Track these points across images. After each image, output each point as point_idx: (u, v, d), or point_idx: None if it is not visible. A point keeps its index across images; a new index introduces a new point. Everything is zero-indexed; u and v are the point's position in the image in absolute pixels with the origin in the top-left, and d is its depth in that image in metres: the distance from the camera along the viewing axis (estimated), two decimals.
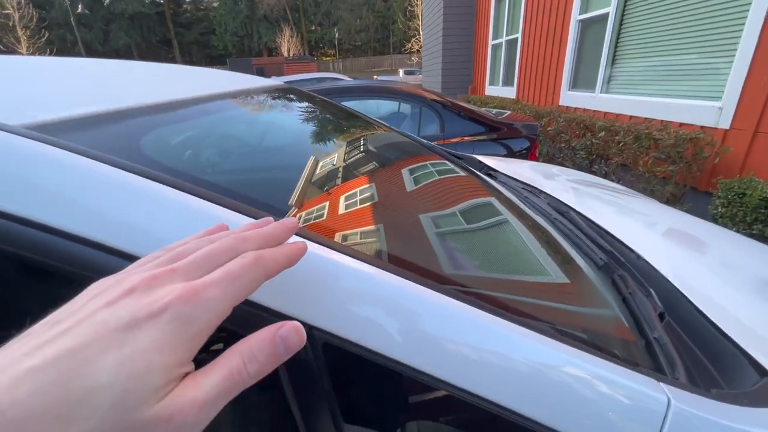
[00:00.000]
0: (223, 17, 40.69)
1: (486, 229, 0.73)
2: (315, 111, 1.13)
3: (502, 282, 0.54)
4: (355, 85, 2.92)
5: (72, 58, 0.70)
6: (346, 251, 0.34)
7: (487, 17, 7.22)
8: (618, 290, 0.64)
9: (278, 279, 0.32)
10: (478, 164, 1.48)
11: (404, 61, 31.60)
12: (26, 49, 21.90)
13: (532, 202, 1.01)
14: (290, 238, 0.27)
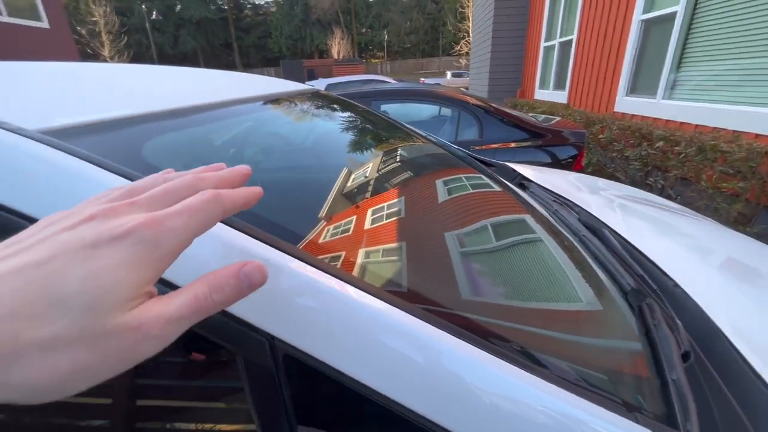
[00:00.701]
0: (279, 21, 42.71)
1: (498, 248, 0.69)
2: (339, 116, 1.15)
3: (493, 305, 0.51)
4: (394, 88, 2.93)
5: (100, 64, 0.77)
6: (321, 266, 0.34)
7: (540, 18, 6.92)
8: (643, 321, 0.58)
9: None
10: (511, 173, 1.42)
11: (452, 63, 31.20)
12: (108, 52, 24.44)
13: (561, 217, 0.95)
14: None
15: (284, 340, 0.30)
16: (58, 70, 0.59)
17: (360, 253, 0.48)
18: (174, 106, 0.55)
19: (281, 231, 0.46)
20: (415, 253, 0.55)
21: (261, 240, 0.33)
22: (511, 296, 0.59)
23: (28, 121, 0.36)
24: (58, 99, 0.45)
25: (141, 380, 0.37)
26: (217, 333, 0.31)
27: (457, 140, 2.56)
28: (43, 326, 0.17)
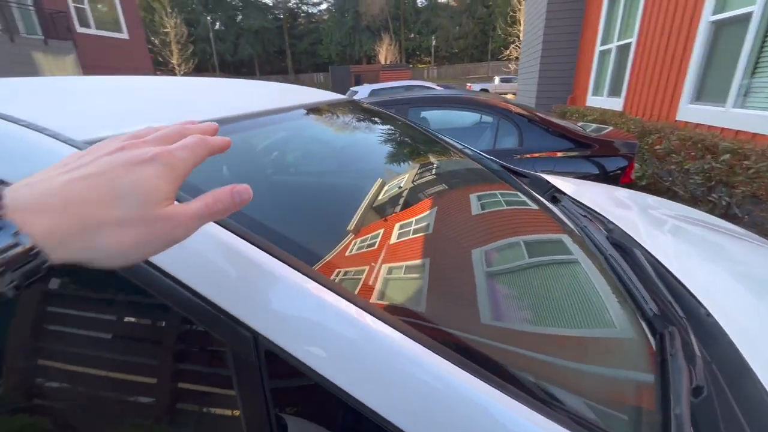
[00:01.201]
0: (331, 29, 44.18)
1: (512, 269, 0.68)
2: (371, 126, 1.18)
3: (495, 327, 0.51)
4: (433, 95, 2.93)
5: (150, 77, 0.86)
6: (311, 275, 0.37)
7: (596, 20, 6.56)
8: (662, 349, 0.55)
9: (243, 290, 0.36)
10: (544, 185, 1.38)
11: (501, 68, 30.39)
12: (176, 60, 26.72)
13: (588, 234, 0.91)
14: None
15: (267, 337, 0.33)
16: (111, 84, 0.68)
17: (367, 267, 0.50)
18: (213, 116, 0.61)
19: (291, 234, 0.50)
20: (420, 270, 0.56)
21: (258, 246, 0.37)
22: (520, 318, 0.58)
23: (77, 132, 0.43)
24: (105, 112, 0.53)
25: (144, 361, 0.42)
26: (212, 325, 0.34)
27: (495, 148, 2.51)
28: (114, 211, 0.25)
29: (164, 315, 0.39)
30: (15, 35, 11.62)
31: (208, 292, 0.35)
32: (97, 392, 0.43)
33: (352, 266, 0.50)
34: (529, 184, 1.36)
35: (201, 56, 38.77)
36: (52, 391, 0.46)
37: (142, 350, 0.42)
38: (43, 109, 0.51)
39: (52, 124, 0.44)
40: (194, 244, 0.37)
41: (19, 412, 0.47)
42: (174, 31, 26.62)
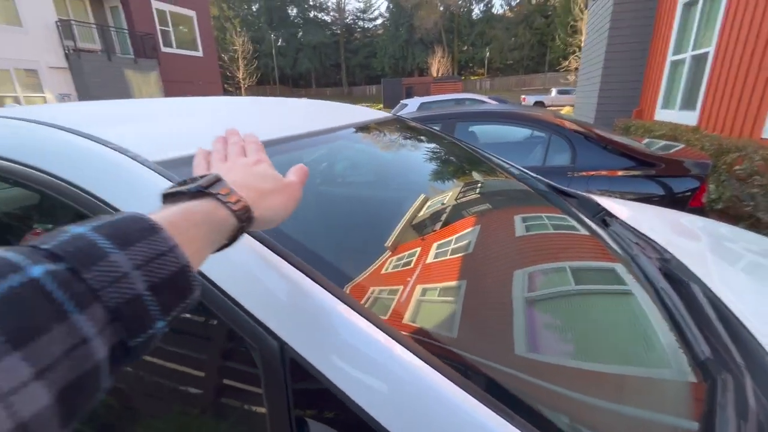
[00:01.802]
0: (385, 42, 45.33)
1: (550, 296, 0.67)
2: (415, 145, 1.20)
3: (528, 361, 0.50)
4: (482, 110, 2.90)
5: (212, 98, 0.96)
6: (337, 293, 0.40)
7: (667, 29, 6.09)
8: (710, 398, 0.51)
9: (275, 302, 0.40)
10: (593, 207, 1.31)
11: (559, 79, 29.07)
12: (242, 75, 29.00)
13: (639, 262, 0.85)
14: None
15: (293, 347, 0.36)
16: (181, 106, 0.77)
17: (402, 290, 0.52)
18: (266, 138, 0.67)
19: (328, 253, 0.54)
20: (455, 296, 0.57)
21: (294, 264, 0.41)
22: (560, 351, 0.57)
23: (152, 153, 0.50)
24: (175, 133, 0.61)
25: (187, 354, 0.47)
26: (245, 330, 0.39)
27: (545, 165, 2.41)
28: (266, 185, 0.39)
29: (208, 318, 0.44)
30: (112, 55, 13.36)
31: (246, 301, 0.39)
32: (139, 379, 0.49)
33: (387, 286, 0.53)
34: (576, 205, 1.30)
35: (263, 70, 41.66)
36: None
37: (186, 345, 0.47)
38: (126, 130, 0.60)
39: (132, 145, 0.52)
40: (240, 259, 0.42)
41: None
42: (241, 48, 28.95)
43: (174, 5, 16.41)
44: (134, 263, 0.24)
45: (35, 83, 11.71)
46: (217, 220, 0.31)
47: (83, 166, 0.49)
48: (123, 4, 14.63)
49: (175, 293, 0.26)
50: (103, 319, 0.22)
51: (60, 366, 0.19)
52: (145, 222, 0.26)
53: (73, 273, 0.21)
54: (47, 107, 0.85)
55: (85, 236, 0.23)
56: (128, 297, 0.23)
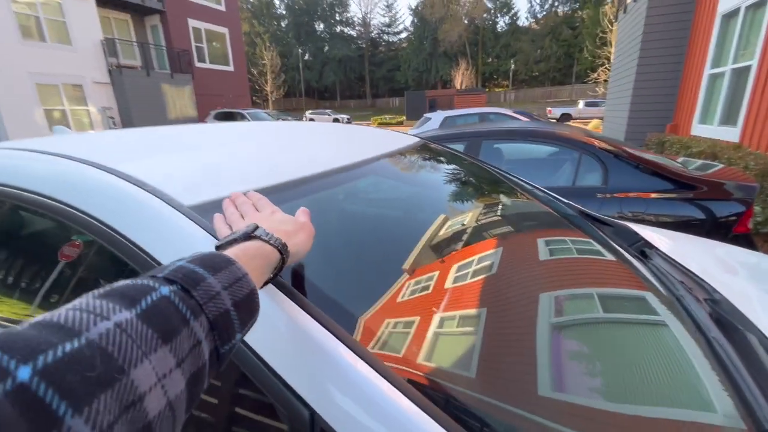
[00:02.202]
0: (409, 55, 45.88)
1: (586, 340, 0.62)
2: (442, 172, 1.18)
3: (568, 405, 0.46)
4: (509, 128, 2.84)
5: (243, 126, 0.97)
6: (372, 362, 0.38)
7: (704, 41, 5.85)
8: None
9: (307, 369, 0.38)
10: (630, 237, 1.23)
11: (587, 91, 28.42)
12: (269, 88, 29.99)
13: (685, 306, 0.79)
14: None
15: (323, 417, 0.34)
16: (208, 135, 0.78)
17: (433, 351, 0.50)
18: (299, 176, 0.66)
19: (357, 310, 0.52)
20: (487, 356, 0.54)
21: (327, 327, 0.40)
22: (597, 397, 0.53)
23: (184, 196, 0.50)
24: (208, 172, 0.61)
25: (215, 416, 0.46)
26: (274, 394, 0.37)
27: (575, 185, 2.33)
28: (290, 227, 0.46)
29: (236, 378, 0.43)
30: (150, 70, 14.14)
31: (276, 363, 0.38)
32: None
33: (427, 348, 0.50)
34: (612, 234, 1.23)
35: (290, 83, 42.97)
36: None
37: (213, 410, 0.46)
38: (161, 168, 0.61)
39: (166, 186, 0.52)
40: (271, 318, 0.40)
41: None
42: (270, 63, 30.02)
43: (209, 23, 17.28)
44: (222, 285, 0.30)
45: (80, 97, 12.51)
46: (266, 254, 0.39)
47: (119, 208, 0.50)
48: (162, 23, 15.54)
49: (249, 311, 0.32)
50: (207, 327, 0.28)
51: (188, 359, 0.25)
52: (223, 256, 0.34)
53: (185, 291, 0.28)
54: (86, 138, 0.88)
55: (185, 266, 0.30)
56: (221, 311, 0.29)
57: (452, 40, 41.07)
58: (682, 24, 6.51)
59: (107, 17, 14.04)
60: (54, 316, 0.22)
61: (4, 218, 0.74)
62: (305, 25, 48.18)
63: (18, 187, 0.59)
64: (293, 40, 48.00)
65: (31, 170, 0.62)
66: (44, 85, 11.49)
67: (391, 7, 50.82)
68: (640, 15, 7.12)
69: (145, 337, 0.23)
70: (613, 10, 14.93)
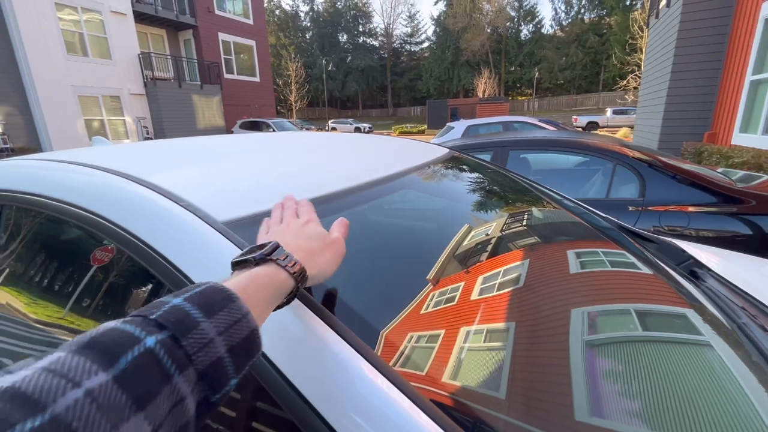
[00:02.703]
0: (431, 65, 46.06)
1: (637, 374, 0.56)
2: (473, 184, 1.14)
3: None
4: (538, 138, 2.76)
5: (275, 137, 0.96)
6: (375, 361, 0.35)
7: (746, 46, 5.57)
8: None
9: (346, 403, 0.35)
10: (678, 255, 1.15)
11: (615, 99, 27.58)
12: (293, 97, 30.74)
13: (751, 338, 0.71)
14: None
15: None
16: (244, 147, 0.78)
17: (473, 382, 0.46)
18: (334, 190, 0.64)
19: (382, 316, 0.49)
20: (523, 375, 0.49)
21: (367, 358, 0.37)
22: (640, 426, 0.47)
23: (218, 212, 0.49)
24: (242, 186, 0.60)
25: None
26: (305, 425, 0.34)
27: (608, 198, 2.22)
28: (314, 244, 0.44)
29: (267, 406, 0.40)
30: (182, 82, 14.78)
31: (310, 393, 0.35)
32: None
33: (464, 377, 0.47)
34: (656, 252, 1.15)
35: (314, 93, 43.93)
36: None
37: (232, 424, 0.44)
38: (196, 183, 0.60)
39: (198, 200, 0.51)
40: (306, 345, 0.38)
41: None
42: (295, 73, 30.82)
43: (237, 36, 17.95)
44: (218, 330, 0.28)
45: (118, 108, 13.20)
46: (279, 283, 0.36)
47: (155, 223, 0.49)
48: (194, 37, 16.27)
49: (247, 353, 0.30)
50: (194, 379, 0.26)
51: (166, 422, 0.23)
52: (224, 292, 0.31)
53: (174, 340, 0.26)
54: (123, 149, 0.90)
55: (181, 307, 0.28)
56: (214, 359, 0.27)
57: (475, 49, 40.95)
58: (720, 29, 6.23)
59: (144, 33, 14.82)
60: (25, 381, 0.20)
61: (42, 227, 0.76)
62: (329, 37, 49.32)
63: (55, 198, 0.60)
64: (317, 51, 49.20)
65: (67, 181, 0.63)
66: (85, 97, 12.20)
67: (414, 18, 51.33)
68: (673, 20, 6.87)
69: (117, 405, 0.21)
70: (643, 15, 14.51)
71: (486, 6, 42.06)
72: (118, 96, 13.12)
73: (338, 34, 50.27)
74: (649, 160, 2.25)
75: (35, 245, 0.75)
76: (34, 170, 0.70)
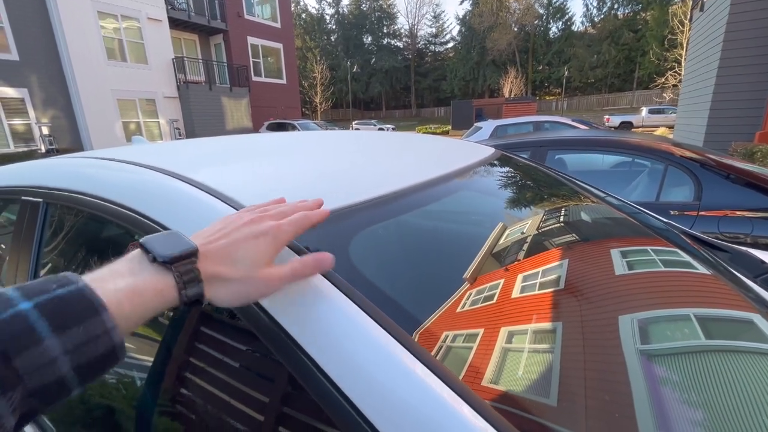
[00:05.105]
0: (456, 65, 45.52)
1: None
2: (523, 187, 1.05)
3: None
4: (581, 137, 2.61)
5: (299, 135, 0.91)
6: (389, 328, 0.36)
7: None
8: None
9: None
10: (755, 266, 1.02)
11: (651, 97, 26.25)
12: (318, 99, 31.18)
13: None
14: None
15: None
16: (269, 146, 0.73)
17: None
18: (378, 194, 0.59)
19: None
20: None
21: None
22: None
23: (245, 199, 0.45)
24: (263, 181, 0.56)
25: None
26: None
27: (658, 201, 2.06)
28: (232, 270, 0.35)
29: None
30: (212, 84, 15.26)
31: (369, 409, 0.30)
32: None
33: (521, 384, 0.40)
34: (730, 262, 1.03)
35: (338, 95, 44.43)
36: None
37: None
38: (229, 176, 0.57)
39: (238, 195, 0.47)
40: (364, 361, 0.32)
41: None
42: (320, 75, 31.26)
43: (265, 39, 18.38)
44: (65, 348, 0.24)
45: (152, 110, 13.79)
46: (163, 301, 0.31)
47: (193, 216, 0.45)
48: (225, 41, 16.77)
49: (100, 368, 0.27)
50: (20, 397, 0.23)
51: None
52: (89, 301, 0.26)
53: (4, 357, 0.22)
54: (163, 147, 0.88)
55: (25, 317, 0.24)
56: (51, 379, 0.24)
57: (501, 48, 40.11)
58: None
59: (178, 38, 15.42)
60: None
61: (82, 224, 0.74)
62: (354, 39, 49.70)
63: (97, 196, 0.57)
64: (342, 53, 49.69)
65: (111, 179, 0.60)
66: (123, 101, 12.81)
67: (439, 18, 50.92)
68: (721, 13, 6.44)
69: None
70: (684, 9, 13.75)
71: (513, 4, 41.17)
72: (153, 99, 13.69)
73: (363, 35, 50.57)
74: (704, 159, 2.07)
75: (76, 242, 0.74)
76: (75, 168, 0.68)
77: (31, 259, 0.71)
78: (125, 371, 0.59)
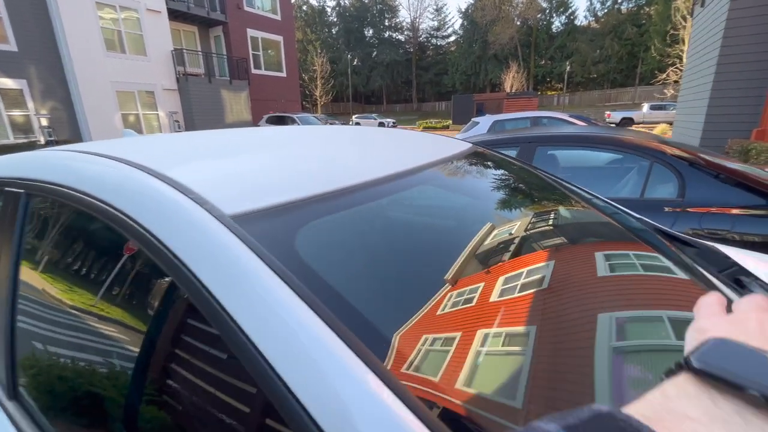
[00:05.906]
0: (457, 59, 45.17)
1: None
2: (494, 181, 1.09)
3: None
4: (568, 134, 2.63)
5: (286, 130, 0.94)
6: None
7: None
8: None
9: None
10: (720, 261, 1.06)
11: (653, 93, 26.12)
12: (318, 92, 31.02)
13: None
14: None
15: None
16: (258, 139, 0.76)
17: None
18: (348, 184, 0.62)
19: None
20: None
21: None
22: None
23: (227, 205, 0.48)
24: (252, 179, 0.59)
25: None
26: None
27: (643, 197, 2.09)
28: None
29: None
30: (212, 77, 15.20)
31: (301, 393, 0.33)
32: None
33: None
34: (697, 257, 1.06)
35: (338, 88, 44.17)
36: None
37: None
38: (203, 173, 0.60)
39: (208, 193, 0.50)
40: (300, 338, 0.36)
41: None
42: (320, 69, 31.08)
43: (265, 32, 18.26)
44: None
45: (152, 102, 13.76)
46: None
47: (159, 212, 0.48)
48: (224, 33, 16.68)
49: None
50: None
51: None
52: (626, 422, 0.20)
53: None
54: (147, 141, 0.91)
55: None
56: None
57: (503, 42, 39.79)
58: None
59: (177, 30, 15.33)
60: None
61: (61, 217, 0.77)
62: (355, 32, 49.29)
63: (74, 188, 0.61)
64: (343, 46, 49.30)
65: (89, 172, 0.64)
66: (123, 92, 12.78)
67: (440, 11, 50.55)
68: (720, 9, 6.41)
69: None
70: (686, 4, 13.63)
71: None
72: (153, 91, 13.66)
73: (364, 28, 50.14)
74: (689, 157, 2.10)
75: (57, 232, 0.77)
76: (55, 160, 0.71)
77: (11, 249, 0.74)
78: (112, 362, 0.63)
